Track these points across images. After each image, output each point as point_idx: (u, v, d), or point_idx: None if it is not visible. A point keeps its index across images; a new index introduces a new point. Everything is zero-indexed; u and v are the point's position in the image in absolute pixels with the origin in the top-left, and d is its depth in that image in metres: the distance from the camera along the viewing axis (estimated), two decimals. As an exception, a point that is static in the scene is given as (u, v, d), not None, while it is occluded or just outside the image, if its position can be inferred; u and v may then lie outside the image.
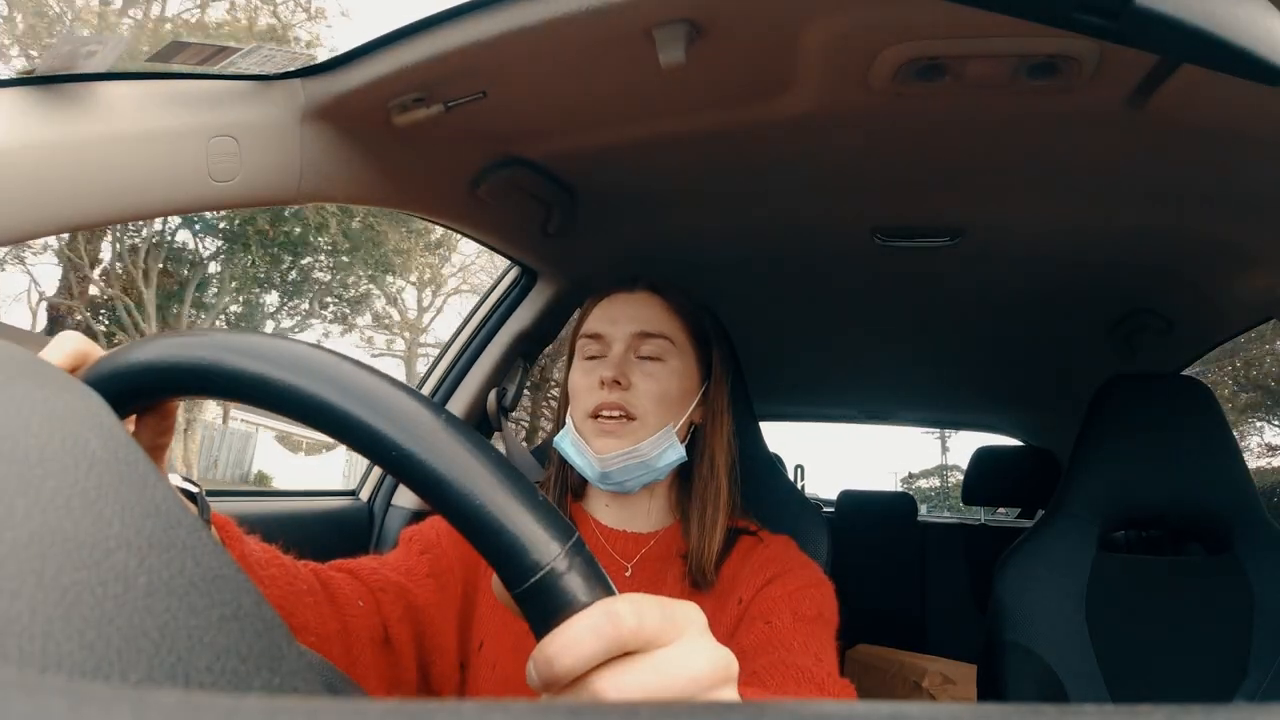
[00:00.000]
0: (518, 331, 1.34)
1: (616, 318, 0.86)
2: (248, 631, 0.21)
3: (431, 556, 0.77)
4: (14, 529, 0.18)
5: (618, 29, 0.72)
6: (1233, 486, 1.15)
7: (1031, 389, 2.22)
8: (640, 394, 0.82)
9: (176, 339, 0.35)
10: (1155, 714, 0.13)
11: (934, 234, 1.24)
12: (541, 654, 0.28)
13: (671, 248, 1.35)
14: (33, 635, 0.16)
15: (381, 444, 0.30)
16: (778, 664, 0.67)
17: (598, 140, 1.01)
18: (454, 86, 0.82)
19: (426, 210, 1.06)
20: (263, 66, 0.77)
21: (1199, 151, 0.94)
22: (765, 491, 1.05)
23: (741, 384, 1.11)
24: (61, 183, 0.64)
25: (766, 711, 0.14)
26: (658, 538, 0.85)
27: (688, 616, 0.31)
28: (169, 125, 0.71)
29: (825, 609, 0.77)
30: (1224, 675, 1.08)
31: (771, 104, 0.89)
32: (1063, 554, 1.16)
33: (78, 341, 0.41)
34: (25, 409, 0.22)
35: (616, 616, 0.28)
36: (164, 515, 0.22)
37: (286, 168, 0.81)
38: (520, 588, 0.29)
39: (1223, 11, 0.36)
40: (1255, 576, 1.12)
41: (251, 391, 0.32)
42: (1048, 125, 0.91)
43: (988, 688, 1.19)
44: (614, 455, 0.80)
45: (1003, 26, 0.73)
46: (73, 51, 0.63)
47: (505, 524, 0.30)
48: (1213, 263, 1.25)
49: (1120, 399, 1.20)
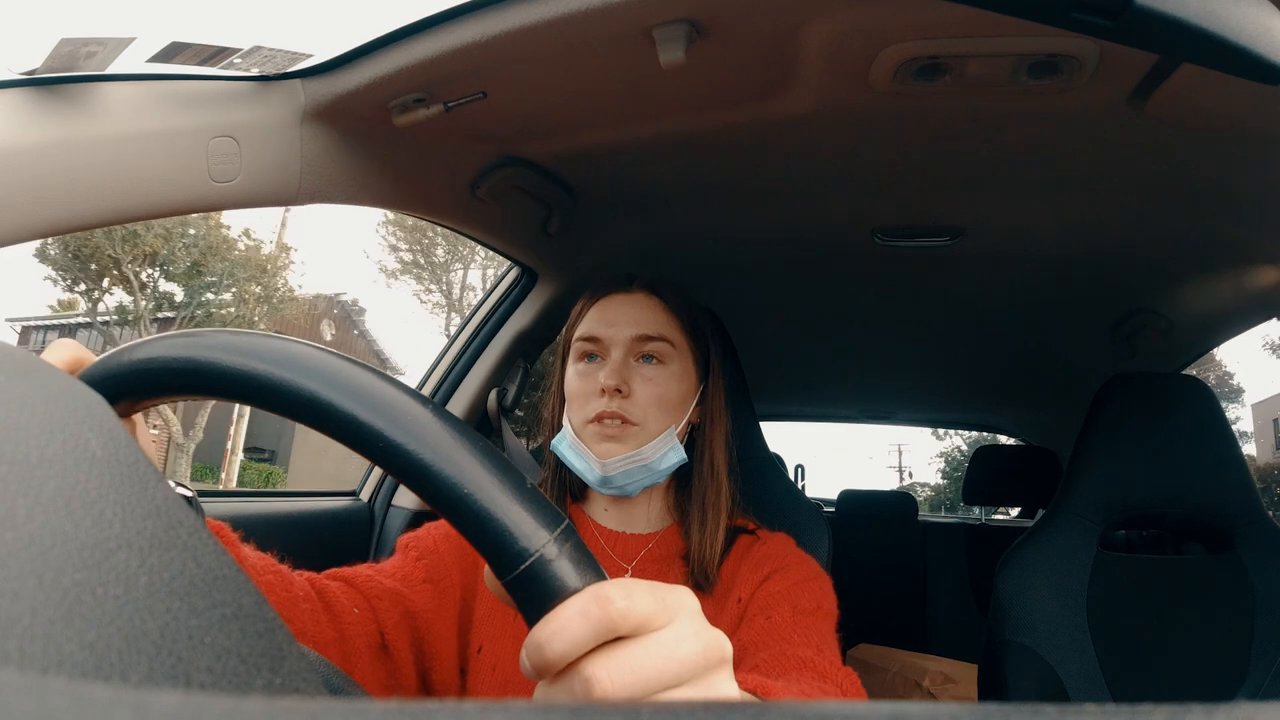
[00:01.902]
0: (518, 331, 1.34)
1: (614, 320, 0.84)
2: (248, 632, 0.21)
3: (428, 563, 0.76)
4: (15, 529, 0.18)
5: (618, 29, 0.72)
6: (1234, 485, 1.15)
7: (1032, 388, 2.22)
8: (641, 399, 0.81)
9: (172, 339, 0.35)
10: (1155, 714, 0.13)
11: (934, 234, 1.24)
12: (533, 640, 0.28)
13: (671, 248, 1.35)
14: (34, 636, 0.16)
15: (370, 436, 0.31)
16: (779, 657, 0.66)
17: (598, 140, 1.01)
18: (454, 86, 0.82)
19: (426, 210, 1.06)
20: (263, 66, 0.77)
21: (1199, 151, 0.94)
22: (765, 491, 1.05)
23: (742, 384, 1.11)
24: (61, 183, 0.64)
25: (767, 711, 0.14)
26: (657, 539, 0.85)
27: (679, 600, 0.31)
28: (169, 125, 0.71)
29: (824, 601, 0.77)
30: (1225, 674, 1.08)
31: (771, 104, 0.89)
32: (1064, 553, 1.16)
33: (73, 348, 0.41)
34: (25, 409, 0.22)
35: (606, 600, 0.28)
36: (164, 515, 0.22)
37: (286, 168, 0.81)
38: (510, 575, 0.29)
39: (1223, 11, 0.36)
40: (1256, 575, 1.12)
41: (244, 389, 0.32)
42: (1048, 125, 0.91)
43: (988, 687, 1.19)
44: (616, 460, 0.80)
45: (1003, 26, 0.73)
46: (73, 51, 0.63)
47: (493, 512, 0.30)
48: (1213, 263, 1.25)
49: (1121, 398, 1.20)
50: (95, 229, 1.68)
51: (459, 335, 1.39)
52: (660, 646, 0.29)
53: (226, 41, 0.71)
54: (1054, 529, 1.18)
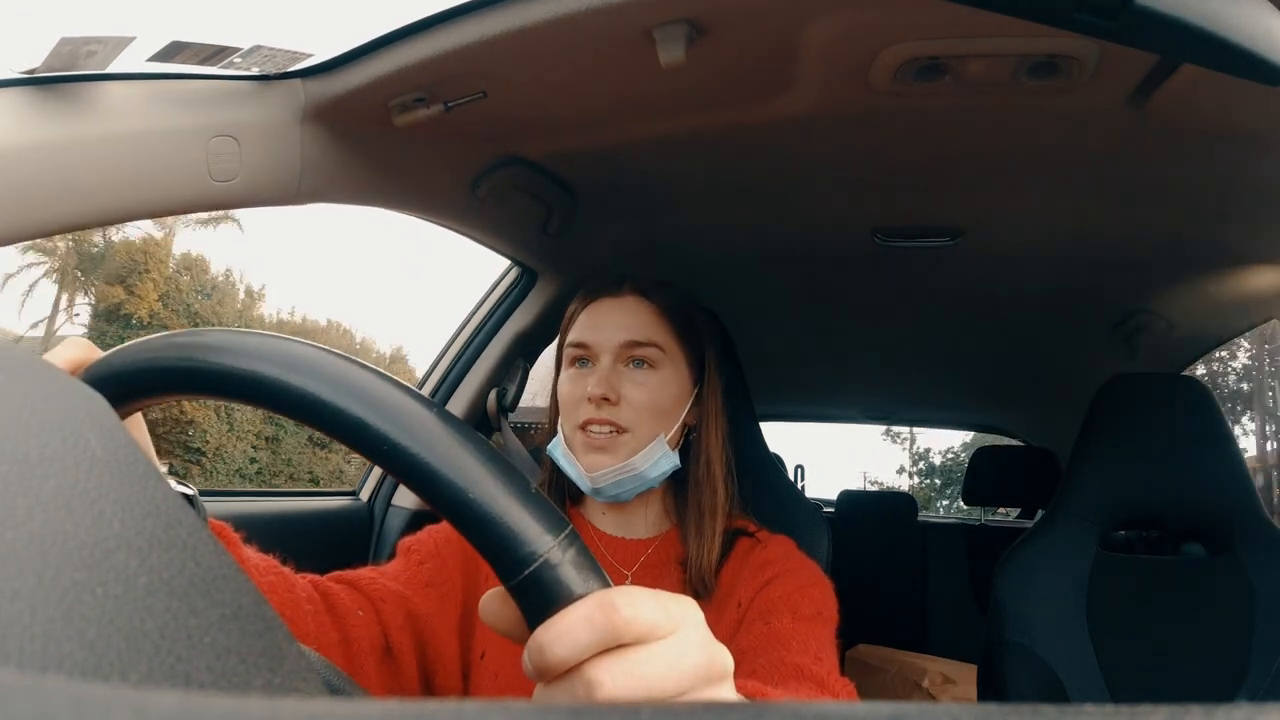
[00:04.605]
0: (517, 331, 1.34)
1: (602, 325, 0.83)
2: (248, 631, 0.21)
3: (431, 566, 0.76)
4: (14, 529, 0.18)
5: (618, 29, 0.72)
6: (1233, 486, 1.15)
7: (1032, 389, 2.22)
8: (630, 407, 0.80)
9: (173, 339, 0.35)
10: (1155, 714, 0.13)
11: (934, 234, 1.24)
12: (535, 642, 0.28)
13: (671, 248, 1.35)
14: (33, 635, 0.16)
15: (375, 438, 0.30)
16: (777, 663, 0.66)
17: (598, 140, 1.01)
18: (454, 86, 0.82)
19: (426, 210, 1.06)
20: (263, 66, 0.77)
21: (1199, 151, 0.94)
22: (765, 492, 1.05)
23: (742, 384, 1.11)
24: (61, 183, 0.64)
25: (767, 712, 0.14)
26: (656, 544, 0.85)
27: (683, 611, 0.30)
28: (169, 125, 0.71)
29: (824, 608, 0.76)
30: (1224, 675, 1.08)
31: (771, 104, 0.89)
32: (1063, 554, 1.16)
33: (83, 347, 0.41)
34: (25, 409, 0.22)
35: (611, 607, 0.28)
36: (164, 515, 0.22)
37: (286, 168, 0.81)
38: (514, 580, 0.29)
39: (1223, 11, 0.36)
40: (1256, 576, 1.12)
41: (245, 389, 0.32)
42: (1048, 125, 0.91)
43: (988, 688, 1.19)
44: (604, 472, 0.79)
45: (1003, 26, 0.73)
46: (73, 51, 0.63)
47: (499, 516, 0.29)
48: (1213, 263, 1.25)
49: (1121, 399, 1.20)
50: (95, 228, 1.68)
51: (459, 335, 1.39)
52: (663, 656, 0.29)
53: (226, 41, 0.71)
54: (1054, 529, 1.18)
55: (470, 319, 1.39)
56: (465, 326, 1.38)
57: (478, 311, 1.38)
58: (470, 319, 1.39)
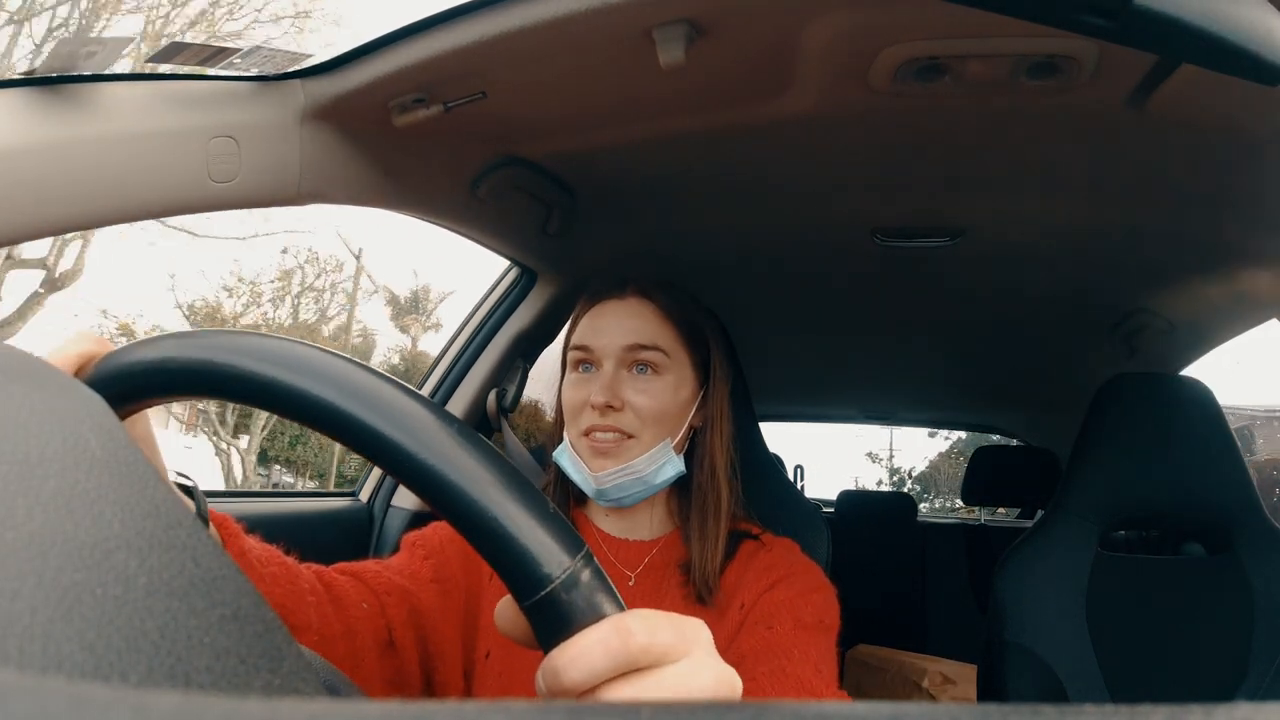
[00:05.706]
0: (517, 332, 1.34)
1: (605, 329, 0.82)
2: (248, 632, 0.21)
3: (435, 562, 0.76)
4: (14, 529, 0.18)
5: (618, 29, 0.72)
6: (1233, 486, 1.15)
7: (1031, 389, 2.22)
8: (634, 412, 0.79)
9: (180, 339, 0.35)
10: (1155, 714, 0.13)
11: (934, 234, 1.24)
12: (550, 665, 0.28)
13: (671, 248, 1.35)
14: (33, 636, 0.16)
15: (391, 450, 0.30)
16: (776, 672, 0.66)
17: (598, 140, 1.01)
18: (454, 87, 0.82)
19: (426, 211, 1.06)
20: (263, 67, 0.77)
21: (1199, 151, 0.94)
22: (765, 492, 1.05)
23: (742, 384, 1.11)
24: (61, 183, 0.64)
25: (767, 712, 0.14)
26: (659, 546, 0.84)
27: (696, 634, 0.30)
28: (169, 125, 0.71)
29: (826, 615, 0.76)
30: (1224, 675, 1.08)
31: (771, 104, 0.89)
32: (1063, 554, 1.16)
33: (89, 341, 0.40)
34: (25, 409, 0.22)
35: (628, 633, 0.28)
36: (164, 515, 0.22)
37: (286, 168, 0.81)
38: (530, 600, 0.29)
39: (1223, 11, 0.36)
40: (1256, 576, 1.12)
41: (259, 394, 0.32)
42: (1048, 125, 0.91)
43: (988, 688, 1.19)
44: (609, 474, 0.79)
45: (1003, 26, 0.73)
46: (73, 52, 0.63)
47: (516, 535, 0.29)
48: (1213, 263, 1.25)
49: (1121, 399, 1.20)
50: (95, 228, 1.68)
51: (458, 336, 1.39)
52: (675, 680, 0.29)
53: (226, 42, 0.71)
54: (1053, 529, 1.18)
55: (470, 319, 1.39)
56: (465, 327, 1.38)
57: (477, 312, 1.38)
58: (470, 319, 1.39)
